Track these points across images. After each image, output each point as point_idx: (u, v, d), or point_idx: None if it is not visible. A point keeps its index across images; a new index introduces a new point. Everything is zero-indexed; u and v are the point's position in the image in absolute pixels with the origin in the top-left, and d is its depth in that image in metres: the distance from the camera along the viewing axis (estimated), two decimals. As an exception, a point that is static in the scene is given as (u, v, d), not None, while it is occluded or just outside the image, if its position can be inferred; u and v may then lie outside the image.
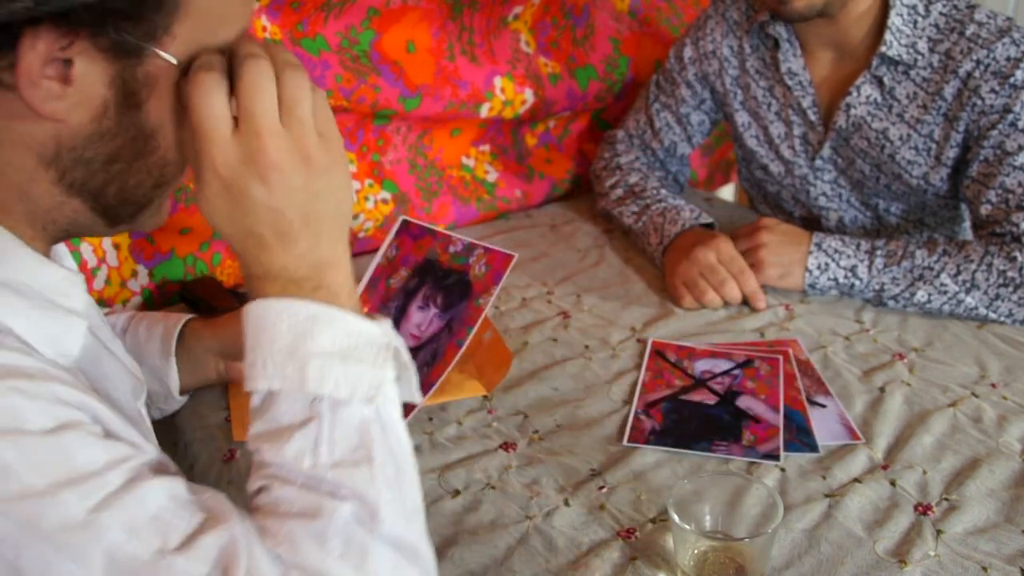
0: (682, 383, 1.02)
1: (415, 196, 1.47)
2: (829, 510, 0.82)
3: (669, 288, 1.23)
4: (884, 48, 1.19)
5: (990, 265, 1.10)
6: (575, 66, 1.57)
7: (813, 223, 1.40)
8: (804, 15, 1.16)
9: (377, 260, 1.01)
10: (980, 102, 1.15)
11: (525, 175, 1.60)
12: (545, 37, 1.55)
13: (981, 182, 1.16)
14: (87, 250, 1.11)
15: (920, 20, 1.18)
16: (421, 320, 0.97)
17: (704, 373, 1.04)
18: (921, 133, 1.22)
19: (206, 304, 1.19)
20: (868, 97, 1.24)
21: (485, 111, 1.47)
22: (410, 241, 1.02)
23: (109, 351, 0.73)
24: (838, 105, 1.27)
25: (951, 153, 1.21)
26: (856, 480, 0.86)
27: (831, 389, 1.00)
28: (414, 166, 1.48)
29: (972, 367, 1.03)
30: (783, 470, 0.87)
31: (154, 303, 1.25)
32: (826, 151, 1.32)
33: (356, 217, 1.41)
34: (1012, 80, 1.12)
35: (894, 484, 0.85)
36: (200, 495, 0.54)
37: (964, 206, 1.32)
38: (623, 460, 0.89)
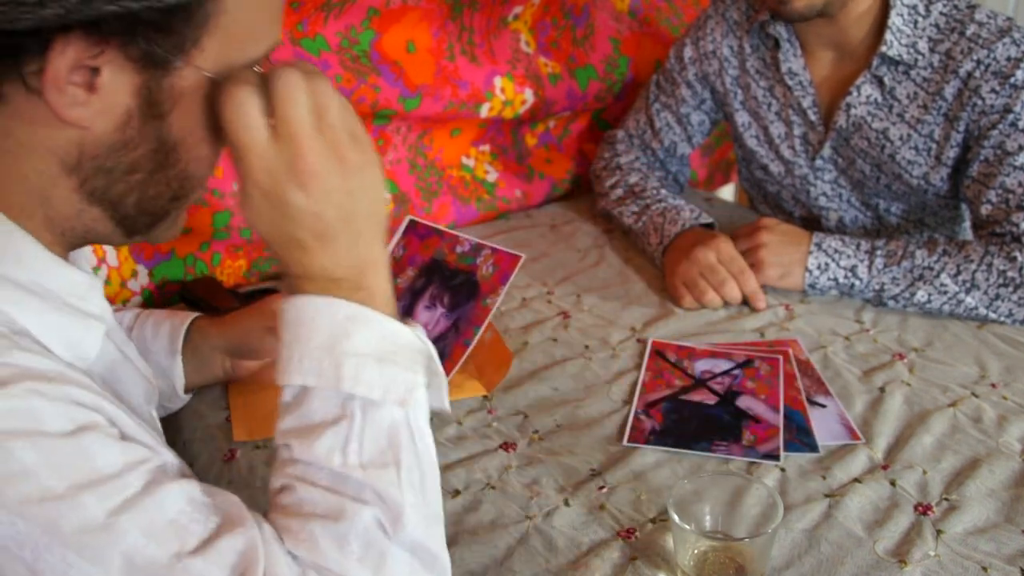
0: (682, 383, 1.02)
1: (415, 196, 1.47)
2: (829, 510, 0.82)
3: (669, 288, 1.23)
4: (884, 48, 1.19)
5: (990, 265, 1.10)
6: (575, 66, 1.57)
7: (813, 223, 1.40)
8: (804, 15, 1.16)
9: None
10: (980, 102, 1.15)
11: (525, 175, 1.60)
12: (545, 37, 1.55)
13: (981, 182, 1.16)
14: (87, 250, 1.11)
15: (920, 20, 1.18)
16: (428, 320, 0.97)
17: (704, 373, 1.04)
18: (921, 133, 1.22)
19: (206, 304, 1.19)
20: (868, 97, 1.24)
21: (485, 111, 1.47)
22: (417, 241, 1.02)
23: (123, 355, 0.74)
24: (838, 105, 1.27)
25: (951, 153, 1.21)
26: (856, 480, 0.86)
27: (831, 389, 1.00)
28: (414, 166, 1.48)
29: (972, 367, 1.03)
30: (783, 470, 0.87)
31: (154, 303, 1.25)
32: (826, 151, 1.32)
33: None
34: (1012, 80, 1.12)
35: (894, 484, 0.85)
36: (216, 497, 0.54)
37: (964, 206, 1.32)
38: (623, 460, 0.89)
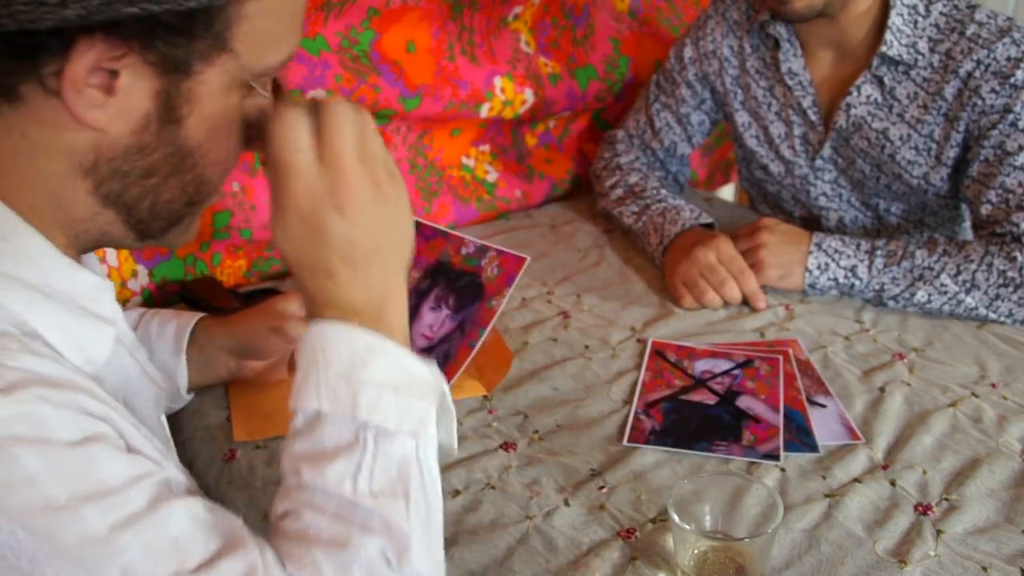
0: (682, 383, 1.02)
1: (415, 196, 1.47)
2: (829, 510, 0.82)
3: (669, 288, 1.23)
4: (884, 48, 1.19)
5: (990, 265, 1.10)
6: (575, 66, 1.57)
7: (813, 223, 1.40)
8: (804, 15, 1.16)
9: None
10: (980, 102, 1.15)
11: (525, 175, 1.60)
12: (545, 37, 1.55)
13: (981, 182, 1.16)
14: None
15: (920, 20, 1.18)
16: (433, 321, 0.98)
17: (704, 373, 1.04)
18: (921, 133, 1.22)
19: (206, 304, 1.19)
20: (868, 97, 1.24)
21: (485, 111, 1.47)
22: (422, 242, 1.02)
23: (134, 359, 0.74)
24: (838, 105, 1.27)
25: (951, 153, 1.21)
26: (856, 480, 0.86)
27: (831, 389, 1.00)
28: (414, 166, 1.48)
29: (972, 367, 1.03)
30: (783, 470, 0.87)
31: (154, 303, 1.25)
32: (826, 151, 1.31)
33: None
34: (1012, 80, 1.12)
35: (894, 484, 0.85)
36: (219, 518, 0.54)
37: (964, 206, 1.32)
38: (623, 460, 0.89)
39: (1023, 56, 1.12)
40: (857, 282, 1.16)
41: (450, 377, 0.92)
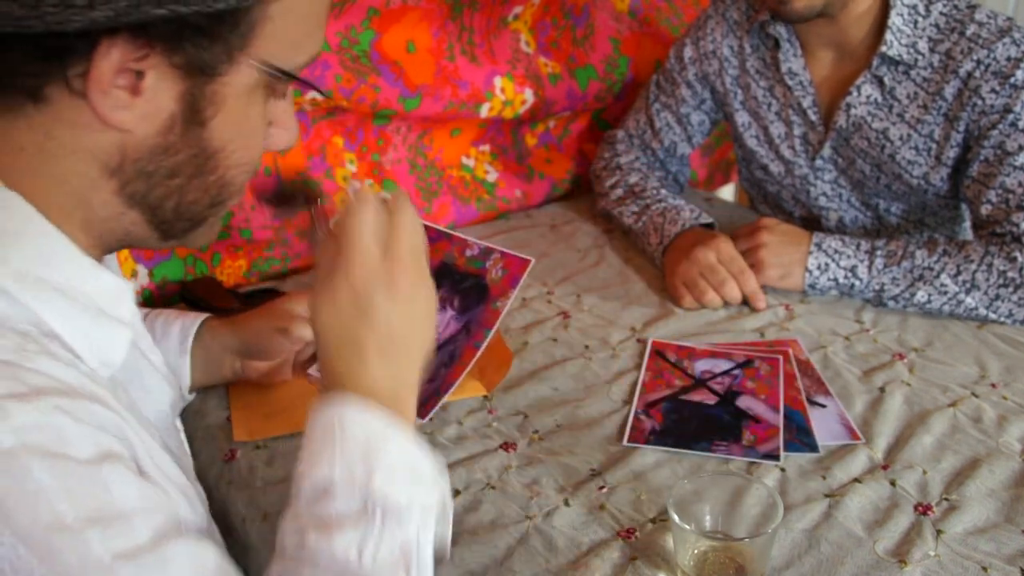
0: (682, 383, 1.02)
1: (415, 196, 1.47)
2: (829, 510, 0.82)
3: (669, 288, 1.23)
4: (884, 48, 1.19)
5: (990, 265, 1.10)
6: (575, 66, 1.57)
7: (813, 223, 1.40)
8: (804, 16, 1.16)
9: None
10: (980, 102, 1.15)
11: (525, 175, 1.60)
12: (545, 37, 1.55)
13: (981, 182, 1.16)
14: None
15: (920, 20, 1.18)
16: (438, 322, 0.98)
17: (704, 373, 1.04)
18: (921, 133, 1.22)
19: (206, 304, 1.19)
20: (868, 97, 1.24)
21: (485, 111, 1.47)
22: (427, 244, 1.02)
23: (149, 362, 0.74)
24: (838, 105, 1.27)
25: (951, 153, 1.21)
26: (856, 480, 0.86)
27: (831, 389, 1.00)
28: (414, 166, 1.48)
29: (972, 367, 1.03)
30: (783, 470, 0.87)
31: (154, 303, 1.25)
32: (826, 151, 1.32)
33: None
34: (1012, 80, 1.12)
35: (894, 484, 0.85)
36: (221, 565, 0.54)
37: (964, 206, 1.32)
38: (623, 460, 0.89)
39: (1023, 56, 1.12)
40: (857, 282, 1.16)
41: (456, 377, 0.92)
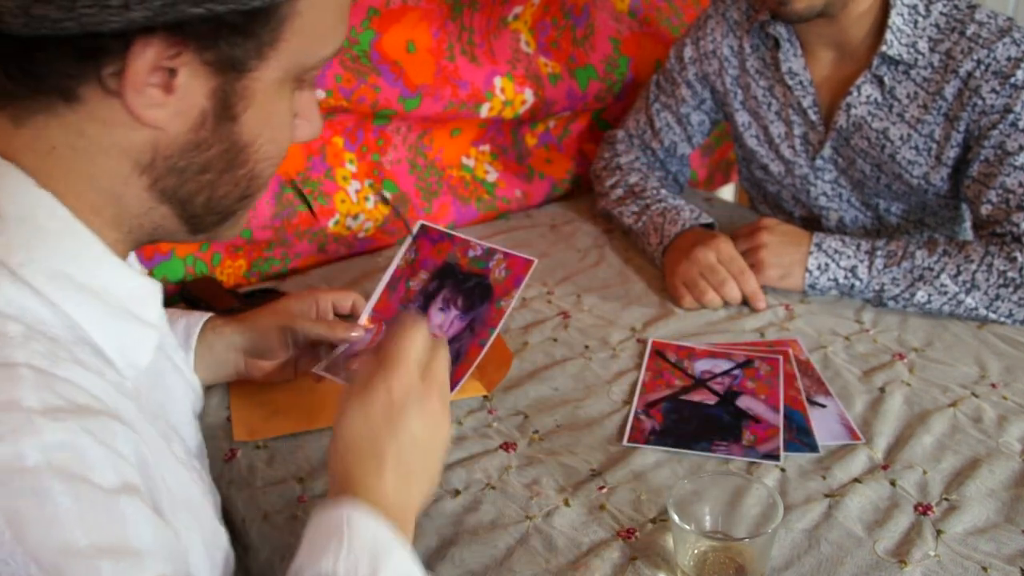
0: (682, 383, 1.02)
1: (415, 196, 1.47)
2: (829, 510, 0.82)
3: (669, 288, 1.23)
4: (885, 48, 1.19)
5: (990, 265, 1.09)
6: (575, 66, 1.57)
7: (813, 223, 1.40)
8: (804, 16, 1.16)
9: (396, 263, 1.03)
10: (981, 102, 1.15)
11: (525, 175, 1.60)
12: (545, 37, 1.55)
13: (981, 182, 1.16)
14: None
15: (921, 20, 1.18)
16: (442, 321, 0.98)
17: (704, 373, 1.04)
18: (921, 133, 1.22)
19: (206, 304, 1.19)
20: (868, 97, 1.24)
21: (485, 111, 1.47)
22: (429, 245, 1.03)
23: (172, 363, 0.74)
24: (838, 105, 1.27)
25: (951, 153, 1.21)
26: (856, 480, 0.85)
27: (831, 389, 1.00)
28: (414, 166, 1.48)
29: (972, 367, 1.03)
30: (783, 470, 0.87)
31: (154, 303, 1.24)
32: (826, 151, 1.31)
33: (356, 217, 1.41)
34: (1013, 80, 1.12)
35: (894, 484, 0.85)
36: None
37: (965, 206, 1.32)
38: (623, 460, 0.89)
39: (1023, 56, 1.12)
40: (857, 282, 1.16)
41: (462, 375, 0.93)
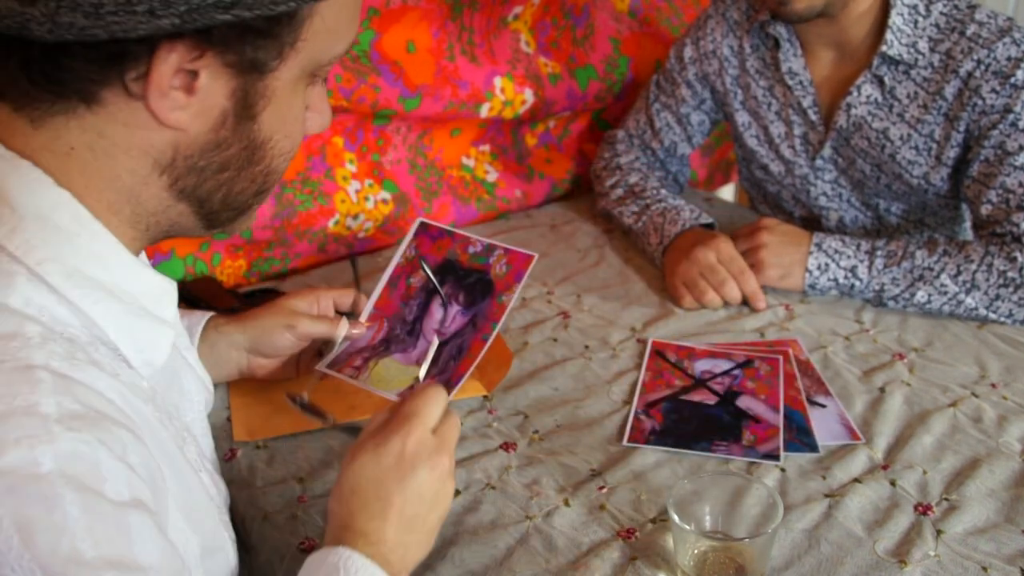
0: (682, 383, 1.02)
1: (415, 196, 1.47)
2: (829, 510, 0.82)
3: (669, 288, 1.23)
4: (885, 48, 1.19)
5: (990, 265, 1.09)
6: (575, 66, 1.57)
7: (813, 223, 1.40)
8: (804, 16, 1.16)
9: (396, 260, 1.03)
10: (981, 102, 1.15)
11: (525, 175, 1.60)
12: (545, 37, 1.55)
13: (982, 182, 1.16)
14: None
15: (921, 20, 1.18)
16: (443, 317, 0.98)
17: (704, 373, 1.04)
18: (922, 133, 1.22)
19: (206, 304, 1.19)
20: (869, 97, 1.24)
21: (485, 111, 1.47)
22: (429, 242, 1.03)
23: (185, 360, 0.74)
24: (839, 105, 1.27)
25: (952, 153, 1.21)
26: (856, 480, 0.85)
27: (831, 389, 1.00)
28: (414, 166, 1.48)
29: (972, 367, 1.03)
30: (783, 470, 0.87)
31: (154, 303, 1.24)
32: (826, 151, 1.31)
33: (356, 217, 1.41)
34: (1013, 80, 1.12)
35: (894, 484, 0.85)
36: None
37: (965, 206, 1.32)
38: (623, 460, 0.89)
39: (1023, 56, 1.12)
40: (857, 282, 1.16)
41: (464, 370, 0.93)
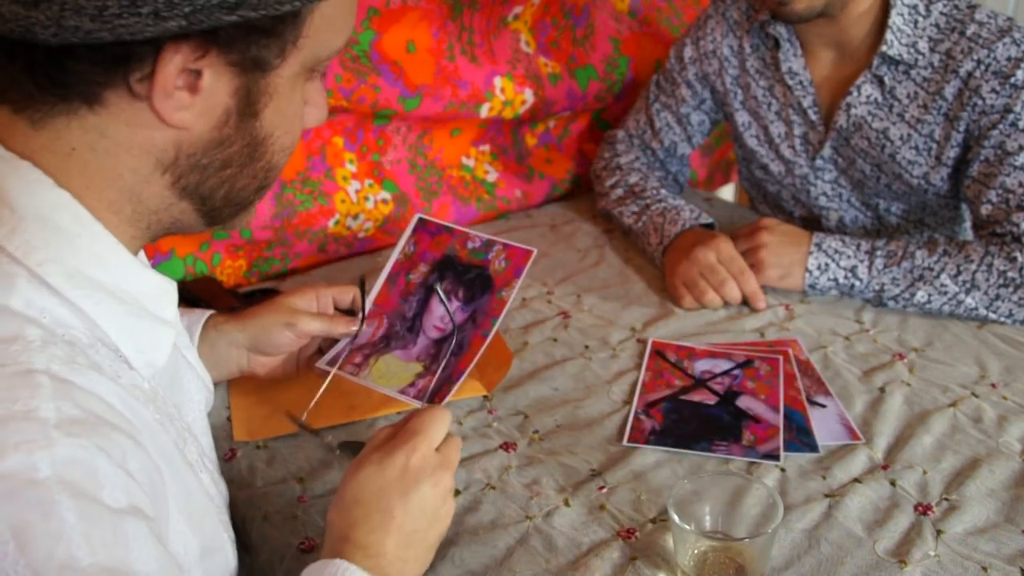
0: (682, 383, 1.02)
1: (415, 196, 1.47)
2: (829, 510, 0.82)
3: (669, 288, 1.23)
4: (885, 48, 1.19)
5: (990, 265, 1.09)
6: (575, 66, 1.57)
7: (813, 223, 1.40)
8: (804, 16, 1.16)
9: (395, 256, 1.02)
10: (981, 102, 1.15)
11: (525, 175, 1.60)
12: (545, 37, 1.55)
13: (981, 182, 1.16)
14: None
15: (921, 20, 1.18)
16: (444, 313, 0.98)
17: (704, 373, 1.04)
18: (921, 133, 1.22)
19: (206, 304, 1.19)
20: (868, 97, 1.24)
21: (485, 111, 1.47)
22: (427, 238, 1.03)
23: (186, 360, 0.74)
24: (839, 105, 1.27)
25: (951, 153, 1.21)
26: (856, 480, 0.85)
27: (831, 389, 1.00)
28: (414, 166, 1.48)
29: (972, 367, 1.03)
30: (783, 470, 0.87)
31: (154, 303, 1.24)
32: (826, 151, 1.31)
33: (356, 217, 1.41)
34: (1013, 80, 1.12)
35: (894, 484, 0.85)
36: None
37: (965, 206, 1.32)
38: (623, 460, 0.89)
39: (1023, 56, 1.12)
40: (857, 282, 1.16)
41: (465, 367, 0.93)
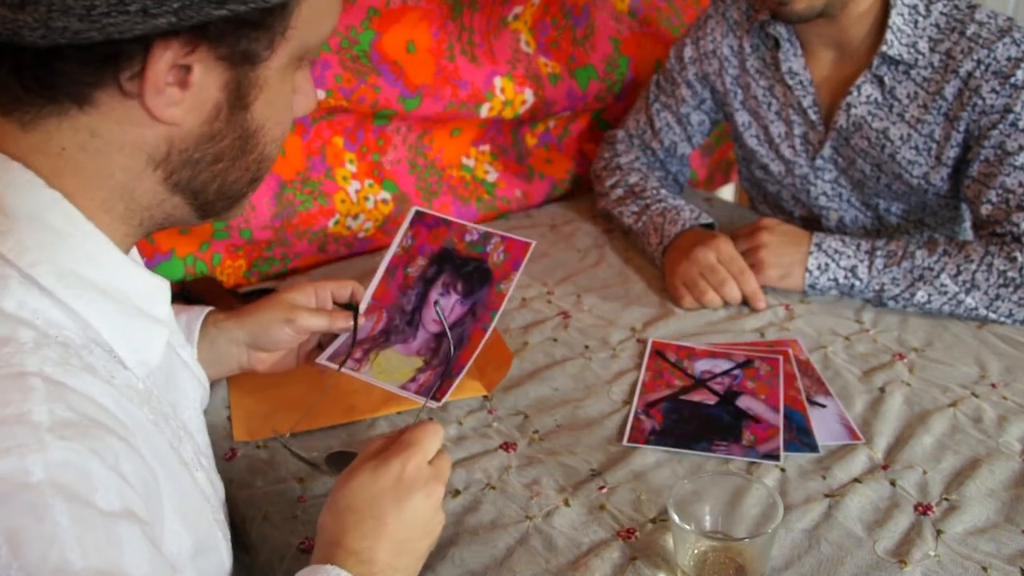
0: (682, 383, 1.02)
1: (415, 196, 1.47)
2: (829, 510, 0.82)
3: (669, 288, 1.23)
4: (885, 47, 1.19)
5: (990, 265, 1.09)
6: (575, 66, 1.57)
7: (813, 223, 1.40)
8: (804, 16, 1.16)
9: (393, 250, 1.02)
10: (981, 102, 1.15)
11: (525, 175, 1.60)
12: (545, 37, 1.55)
13: (981, 182, 1.16)
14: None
15: (921, 20, 1.18)
16: (443, 306, 0.98)
17: (704, 373, 1.04)
18: (922, 133, 1.22)
19: (206, 304, 1.19)
20: (869, 97, 1.24)
21: (485, 111, 1.47)
22: (425, 231, 1.03)
23: (180, 359, 0.74)
24: (839, 105, 1.27)
25: (951, 153, 1.21)
26: (856, 480, 0.85)
27: (831, 389, 1.00)
28: (414, 166, 1.48)
29: (972, 367, 1.03)
30: (783, 470, 0.87)
31: (154, 303, 1.24)
32: (826, 151, 1.31)
33: (356, 217, 1.41)
34: (1013, 80, 1.12)
35: (894, 484, 0.85)
36: None
37: (965, 206, 1.32)
38: (623, 460, 0.89)
39: (1023, 56, 1.12)
40: (857, 282, 1.16)
41: (466, 360, 0.92)
